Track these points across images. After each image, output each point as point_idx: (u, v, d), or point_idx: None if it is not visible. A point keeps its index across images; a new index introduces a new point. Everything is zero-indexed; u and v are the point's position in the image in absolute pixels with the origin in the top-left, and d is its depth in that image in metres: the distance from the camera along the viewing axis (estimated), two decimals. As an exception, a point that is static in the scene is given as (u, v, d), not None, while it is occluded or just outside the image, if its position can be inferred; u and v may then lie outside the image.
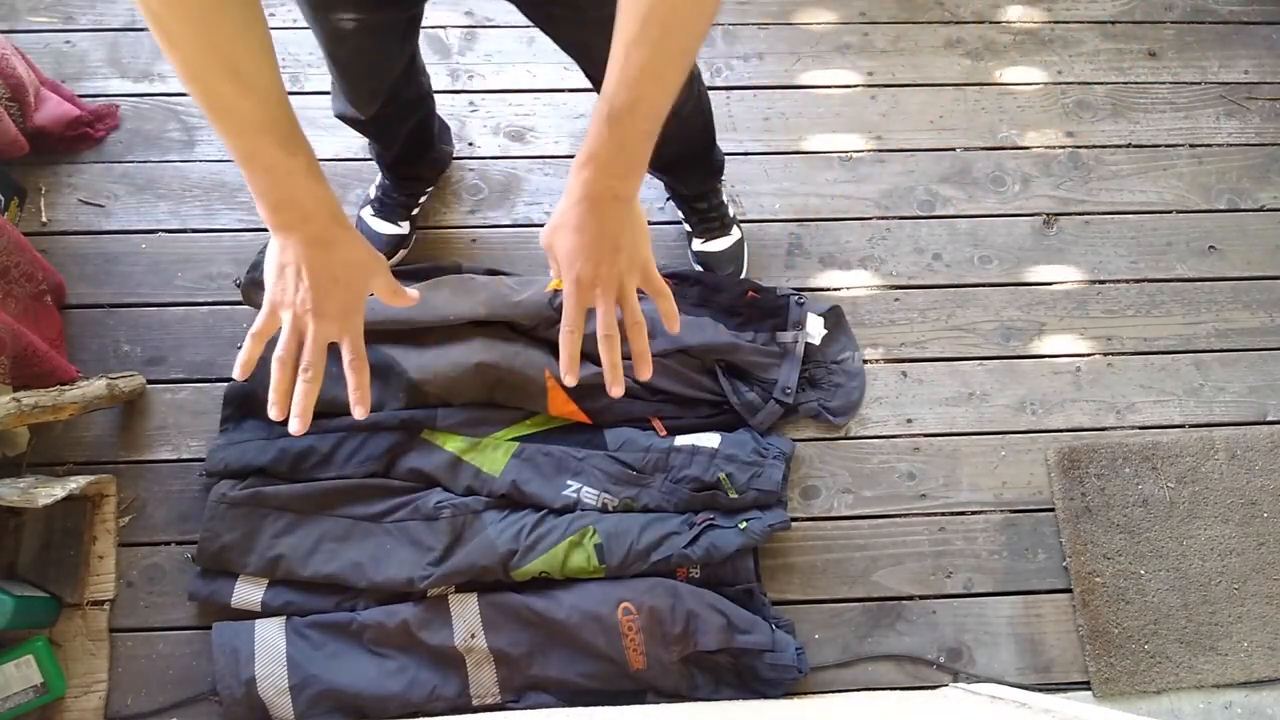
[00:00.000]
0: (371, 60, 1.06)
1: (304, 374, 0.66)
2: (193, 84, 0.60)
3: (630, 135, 0.62)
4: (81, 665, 1.26)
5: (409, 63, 1.17)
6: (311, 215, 0.66)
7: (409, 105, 1.28)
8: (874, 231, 1.58)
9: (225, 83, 0.60)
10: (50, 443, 1.36)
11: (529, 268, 1.50)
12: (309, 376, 0.66)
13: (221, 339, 1.43)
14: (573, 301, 0.65)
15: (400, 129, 1.31)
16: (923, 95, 1.68)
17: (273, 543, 1.27)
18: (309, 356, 0.67)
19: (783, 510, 1.34)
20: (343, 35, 0.97)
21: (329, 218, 0.67)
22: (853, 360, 1.48)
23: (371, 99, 1.14)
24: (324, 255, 0.67)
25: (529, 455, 1.33)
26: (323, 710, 1.22)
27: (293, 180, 0.64)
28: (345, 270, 0.68)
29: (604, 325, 0.66)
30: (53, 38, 1.61)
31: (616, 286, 0.66)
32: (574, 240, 0.65)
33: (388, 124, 1.26)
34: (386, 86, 1.14)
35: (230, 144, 0.63)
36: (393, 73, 1.12)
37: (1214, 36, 1.75)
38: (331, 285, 0.67)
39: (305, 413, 0.66)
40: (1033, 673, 1.35)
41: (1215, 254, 1.60)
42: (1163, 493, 1.43)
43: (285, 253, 0.67)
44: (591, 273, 0.65)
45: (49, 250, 1.46)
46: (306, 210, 0.65)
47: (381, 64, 1.08)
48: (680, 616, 1.22)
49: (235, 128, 0.62)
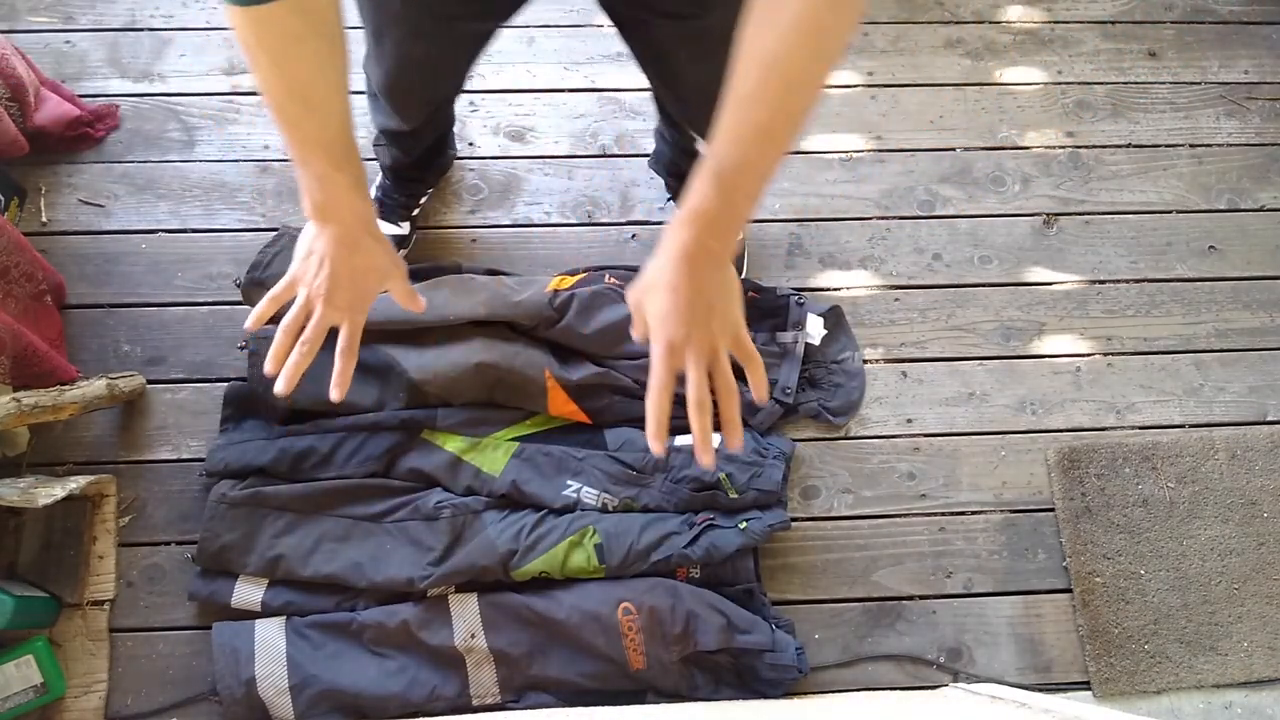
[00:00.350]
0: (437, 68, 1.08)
1: (301, 345, 0.74)
2: (266, 97, 0.67)
3: (737, 196, 0.60)
4: (81, 665, 1.26)
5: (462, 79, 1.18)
6: (345, 221, 0.72)
7: (446, 119, 1.33)
8: (874, 231, 1.58)
9: (294, 105, 0.67)
10: (50, 443, 1.36)
11: (529, 268, 1.50)
12: (304, 350, 0.74)
13: (221, 339, 1.43)
14: (663, 365, 0.63)
15: (429, 139, 1.34)
16: (923, 95, 1.68)
17: (273, 543, 1.26)
18: (309, 333, 0.74)
19: (783, 510, 1.34)
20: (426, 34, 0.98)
21: (360, 227, 0.73)
22: (853, 360, 1.48)
23: (422, 109, 1.16)
24: (348, 255, 0.73)
25: (529, 455, 1.33)
26: (323, 710, 1.22)
27: (336, 191, 0.70)
28: (363, 272, 0.75)
29: (695, 391, 0.63)
30: (53, 38, 1.61)
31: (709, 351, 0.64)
32: (668, 301, 0.62)
33: (420, 136, 1.28)
34: (438, 98, 1.17)
35: (289, 148, 0.70)
36: (450, 85, 1.16)
37: (1214, 36, 1.75)
38: (347, 281, 0.73)
39: (292, 378, 0.73)
40: (1033, 673, 1.35)
41: (1215, 254, 1.60)
42: (1163, 493, 1.43)
43: (316, 241, 0.73)
44: (684, 336, 0.63)
45: (49, 250, 1.46)
46: (342, 216, 0.72)
47: (446, 74, 1.11)
48: (680, 616, 1.22)
49: (296, 138, 0.69)
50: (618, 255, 1.53)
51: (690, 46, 0.96)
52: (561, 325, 1.36)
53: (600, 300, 1.37)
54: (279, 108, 0.67)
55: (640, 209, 1.57)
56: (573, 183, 1.58)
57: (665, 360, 0.63)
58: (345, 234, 0.72)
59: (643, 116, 1.63)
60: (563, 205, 1.57)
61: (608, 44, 1.67)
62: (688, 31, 0.93)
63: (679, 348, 0.63)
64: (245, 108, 1.58)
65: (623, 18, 0.99)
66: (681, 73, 1.02)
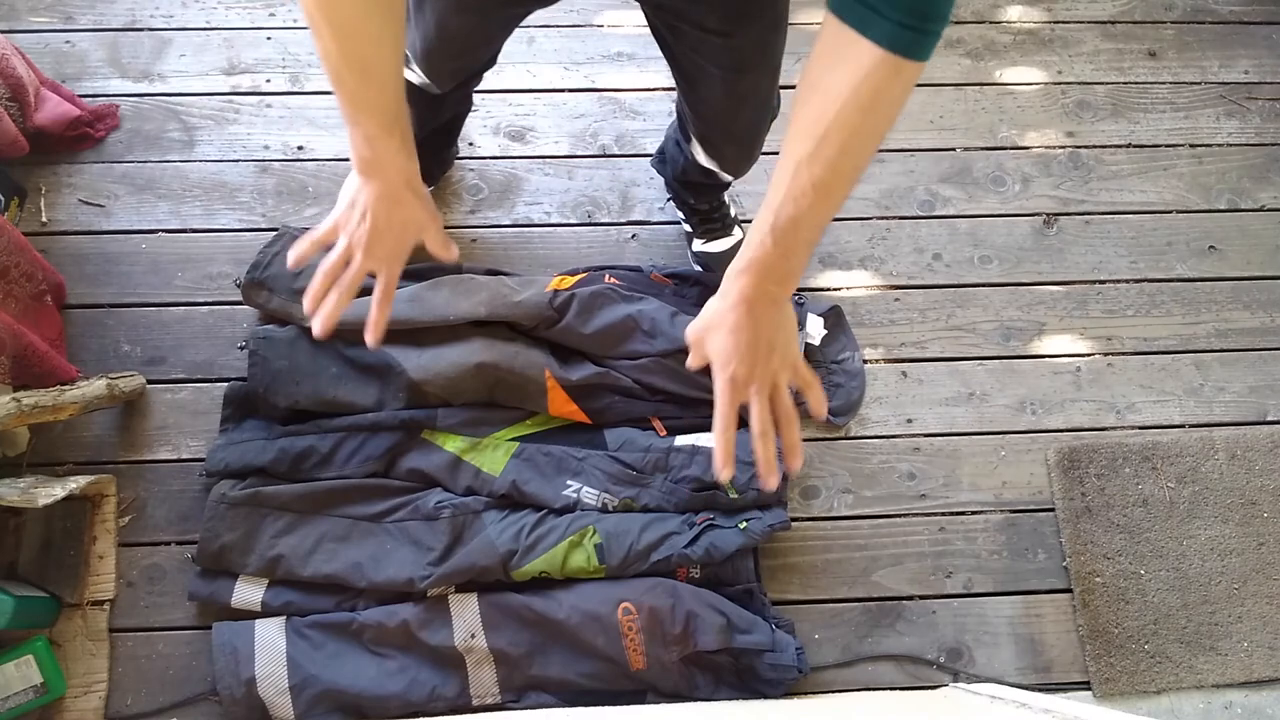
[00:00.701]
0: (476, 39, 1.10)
1: (338, 289, 0.76)
2: (325, 64, 0.69)
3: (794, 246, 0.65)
4: (81, 665, 1.26)
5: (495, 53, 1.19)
6: (390, 179, 0.75)
7: (468, 94, 1.34)
8: (874, 231, 1.58)
9: (353, 75, 0.69)
10: (50, 443, 1.36)
11: (529, 268, 1.50)
12: (342, 293, 0.76)
13: (221, 339, 1.43)
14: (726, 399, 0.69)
15: (446, 114, 1.34)
16: (923, 95, 1.68)
17: (273, 543, 1.26)
18: (347, 278, 0.76)
19: (783, 510, 1.34)
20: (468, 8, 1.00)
21: (403, 183, 0.76)
22: (853, 360, 1.48)
23: (453, 77, 1.17)
24: (389, 209, 0.75)
25: (529, 455, 1.33)
26: (323, 710, 1.22)
27: (385, 152, 0.73)
28: (402, 225, 0.77)
29: (759, 423, 0.69)
30: (53, 38, 1.61)
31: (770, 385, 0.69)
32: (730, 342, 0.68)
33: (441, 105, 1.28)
34: (470, 68, 1.18)
35: (343, 109, 0.71)
36: (482, 57, 1.18)
37: (1214, 36, 1.75)
38: (387, 232, 0.76)
39: (329, 319, 0.76)
40: (1033, 673, 1.35)
41: (1215, 254, 1.60)
42: (1163, 493, 1.43)
43: (360, 192, 0.76)
44: (747, 374, 0.68)
45: (49, 250, 1.46)
46: (387, 174, 0.74)
47: (481, 46, 1.13)
48: (680, 616, 1.22)
49: (351, 101, 0.70)
50: (618, 255, 1.53)
51: (721, 62, 0.98)
52: (561, 325, 1.36)
53: (600, 300, 1.37)
54: (337, 76, 0.69)
55: (640, 209, 1.57)
56: (573, 183, 1.58)
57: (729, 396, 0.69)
58: (389, 189, 0.75)
59: (643, 116, 1.63)
60: (563, 205, 1.57)
61: (608, 44, 1.67)
62: (719, 47, 0.95)
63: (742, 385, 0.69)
64: (245, 108, 1.58)
65: (657, 26, 1.01)
66: (707, 88, 1.04)
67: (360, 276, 0.77)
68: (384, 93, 0.71)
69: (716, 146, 1.19)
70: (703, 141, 1.19)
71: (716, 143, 1.18)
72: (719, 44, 0.95)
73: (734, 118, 1.10)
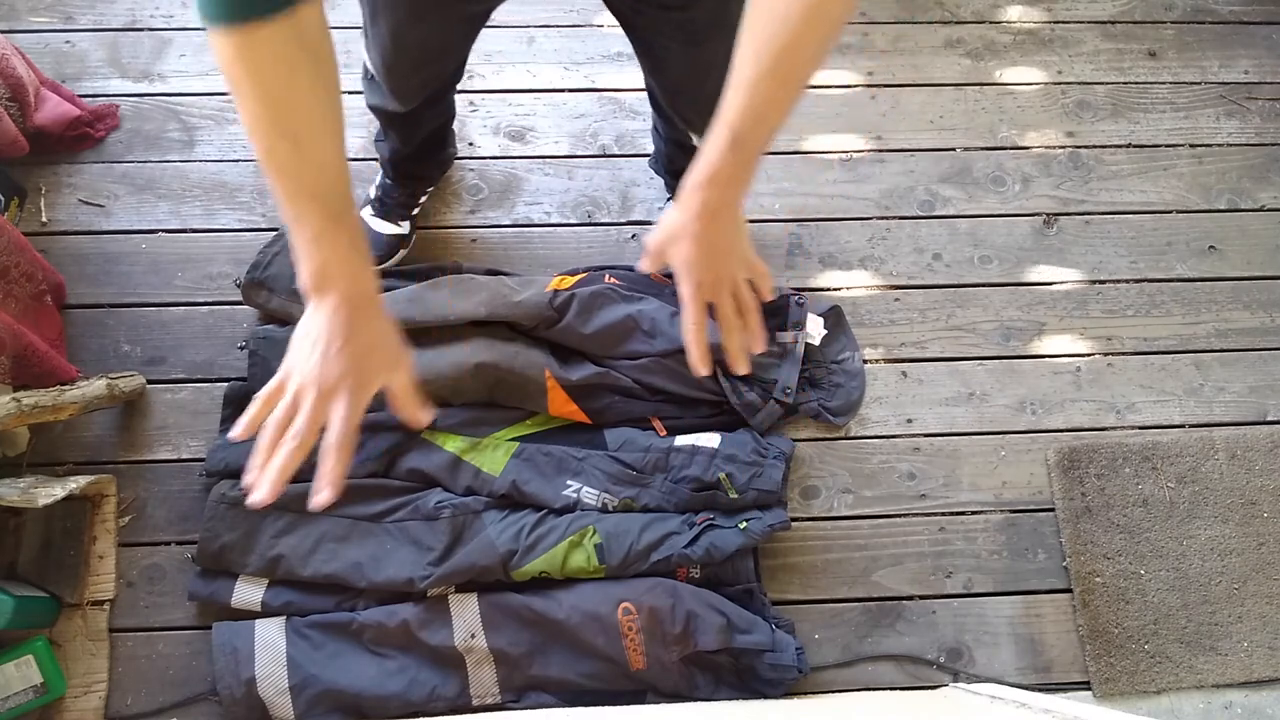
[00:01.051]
0: (434, 50, 1.08)
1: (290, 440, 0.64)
2: (253, 137, 0.62)
3: (750, 155, 0.67)
4: (81, 665, 1.26)
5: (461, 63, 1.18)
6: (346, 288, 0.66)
7: (445, 105, 1.32)
8: (874, 231, 1.58)
9: (285, 145, 0.61)
10: (50, 443, 1.36)
11: (529, 268, 1.50)
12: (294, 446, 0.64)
13: (221, 339, 1.43)
14: (694, 303, 0.73)
15: (427, 126, 1.33)
16: (923, 95, 1.68)
17: (273, 543, 1.26)
18: (298, 426, 0.64)
19: (783, 510, 1.34)
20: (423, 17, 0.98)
21: (363, 296, 0.67)
22: (853, 360, 1.48)
23: (419, 91, 1.16)
24: (348, 323, 0.66)
25: (529, 455, 1.33)
26: (323, 710, 1.22)
27: (335, 251, 0.65)
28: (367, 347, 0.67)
29: (725, 321, 0.74)
30: (53, 38, 1.61)
31: (731, 284, 0.74)
32: (693, 250, 0.71)
33: (418, 121, 1.27)
34: (436, 80, 1.16)
35: (281, 205, 0.64)
36: (448, 68, 1.16)
37: (1214, 36, 1.75)
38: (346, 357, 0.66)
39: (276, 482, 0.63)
40: (1033, 673, 1.35)
41: (1215, 254, 1.60)
42: (1163, 493, 1.43)
43: (312, 319, 0.67)
44: (714, 279, 0.72)
45: (49, 250, 1.46)
46: (341, 284, 0.65)
47: (443, 56, 1.12)
48: (680, 616, 1.22)
49: (289, 188, 0.63)
50: (618, 255, 1.53)
51: (680, 35, 1.00)
52: (561, 325, 1.36)
53: (600, 300, 1.37)
54: (268, 150, 0.61)
55: (640, 209, 1.57)
56: (573, 183, 1.58)
57: (695, 298, 0.72)
58: (346, 298, 0.65)
59: (643, 116, 1.63)
60: (563, 205, 1.57)
61: (608, 44, 1.67)
62: (678, 21, 0.98)
63: (707, 286, 0.72)
64: (245, 108, 1.58)
65: (618, 8, 1.03)
66: (671, 61, 1.06)
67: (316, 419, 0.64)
68: (323, 171, 0.63)
69: (686, 116, 1.20)
70: (674, 112, 1.21)
71: (686, 112, 1.19)
72: (678, 18, 0.97)
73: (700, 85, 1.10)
